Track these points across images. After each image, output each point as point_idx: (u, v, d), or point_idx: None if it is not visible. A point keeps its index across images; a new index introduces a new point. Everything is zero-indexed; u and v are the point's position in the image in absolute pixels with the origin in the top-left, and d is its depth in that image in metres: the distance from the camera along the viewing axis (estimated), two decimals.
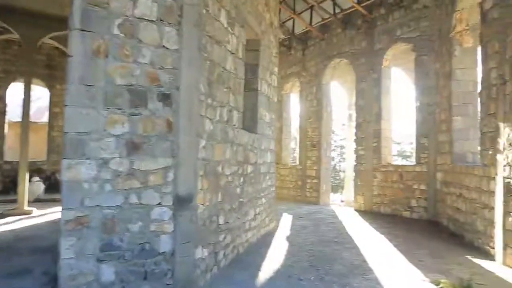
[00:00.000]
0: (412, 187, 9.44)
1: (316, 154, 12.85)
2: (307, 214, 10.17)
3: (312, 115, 13.16)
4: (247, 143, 5.78)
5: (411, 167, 9.62)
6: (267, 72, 7.08)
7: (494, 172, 5.65)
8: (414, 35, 9.66)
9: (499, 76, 5.61)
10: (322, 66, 12.75)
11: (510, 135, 5.18)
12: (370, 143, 10.71)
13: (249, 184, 5.94)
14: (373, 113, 10.68)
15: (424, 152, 9.24)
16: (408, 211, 9.50)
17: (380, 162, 10.40)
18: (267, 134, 7.14)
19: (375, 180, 10.49)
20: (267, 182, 7.18)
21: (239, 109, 5.36)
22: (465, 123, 7.66)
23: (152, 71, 3.69)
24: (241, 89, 5.47)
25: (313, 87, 13.13)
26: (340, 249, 6.11)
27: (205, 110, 4.21)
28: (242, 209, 5.59)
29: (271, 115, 7.42)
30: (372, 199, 10.54)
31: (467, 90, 7.71)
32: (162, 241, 3.72)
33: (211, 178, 4.39)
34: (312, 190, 12.92)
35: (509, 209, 5.17)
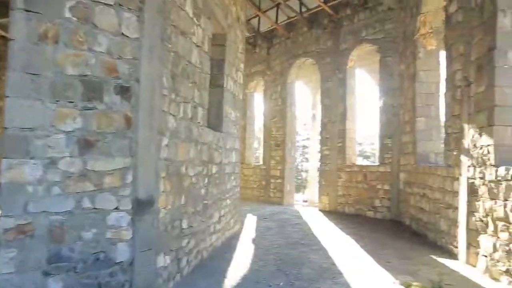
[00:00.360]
0: (376, 187, 9.51)
1: (280, 154, 12.73)
2: (272, 214, 10.00)
3: (276, 114, 13.02)
4: (212, 142, 5.49)
5: (375, 168, 9.70)
6: (233, 68, 6.81)
7: (458, 172, 5.70)
8: (379, 37, 9.75)
9: (464, 78, 5.67)
10: (287, 65, 12.64)
11: (474, 136, 5.23)
12: (335, 143, 10.71)
13: (213, 185, 5.65)
14: (338, 113, 10.69)
15: (388, 153, 9.33)
16: (372, 211, 9.56)
17: (344, 162, 10.42)
18: (232, 132, 6.87)
19: (339, 180, 10.50)
20: (232, 182, 6.92)
21: (204, 105, 5.05)
22: (428, 124, 7.78)
23: (109, 61, 3.31)
24: (207, 84, 5.17)
25: (278, 86, 13.00)
26: (308, 252, 5.96)
27: (168, 105, 3.89)
28: (206, 211, 5.29)
29: (236, 113, 7.16)
30: (336, 199, 10.54)
31: (430, 91, 7.83)
32: (119, 249, 3.36)
33: (174, 179, 4.06)
34: (276, 190, 12.79)
35: (473, 209, 5.22)
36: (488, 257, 4.77)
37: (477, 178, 5.12)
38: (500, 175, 4.52)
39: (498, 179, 4.57)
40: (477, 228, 5.10)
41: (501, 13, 4.84)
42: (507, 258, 4.35)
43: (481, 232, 4.97)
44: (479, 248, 5.03)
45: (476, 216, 5.11)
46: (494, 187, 4.67)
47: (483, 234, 4.94)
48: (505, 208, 4.41)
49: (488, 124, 4.89)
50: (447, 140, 6.24)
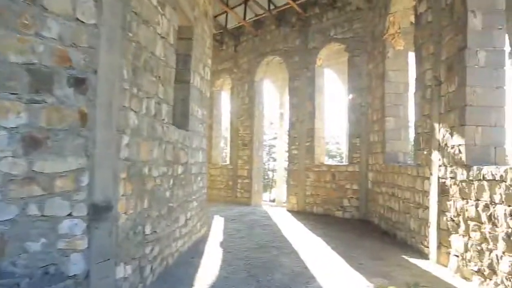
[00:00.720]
0: (344, 187, 9.47)
1: (247, 153, 12.49)
2: (240, 215, 9.74)
3: (243, 113, 12.77)
4: (177, 140, 5.14)
5: (343, 167, 9.66)
6: (200, 64, 6.48)
7: (428, 172, 5.68)
8: (348, 36, 9.72)
9: (434, 77, 5.65)
10: (255, 63, 12.42)
11: (445, 136, 5.21)
12: (303, 143, 10.60)
13: (179, 187, 5.31)
14: (306, 112, 10.58)
15: (356, 152, 9.31)
16: (341, 210, 9.52)
17: (313, 162, 10.32)
18: (199, 131, 6.55)
19: (308, 180, 10.40)
20: (199, 183, 6.59)
21: (169, 102, 4.70)
22: (397, 124, 7.79)
23: (61, 49, 2.92)
24: (172, 79, 4.83)
25: (245, 84, 12.75)
26: (279, 255, 5.74)
27: (129, 100, 3.53)
28: (171, 215, 4.95)
29: (203, 111, 6.84)
30: (305, 199, 10.43)
31: (398, 91, 7.85)
32: (73, 261, 2.98)
33: (135, 181, 3.70)
34: (243, 190, 12.54)
35: (444, 208, 5.20)
36: (460, 257, 4.75)
37: (448, 177, 5.10)
38: (472, 175, 4.49)
39: (470, 179, 4.54)
40: (448, 228, 5.07)
41: (471, 13, 4.83)
42: (479, 258, 4.32)
43: (452, 232, 4.95)
44: (450, 248, 5.00)
45: (447, 215, 5.09)
46: (465, 187, 4.65)
47: (454, 234, 4.91)
48: (476, 208, 4.38)
49: (459, 124, 4.87)
50: (417, 139, 6.23)
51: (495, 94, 4.78)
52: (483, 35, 4.81)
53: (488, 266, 4.13)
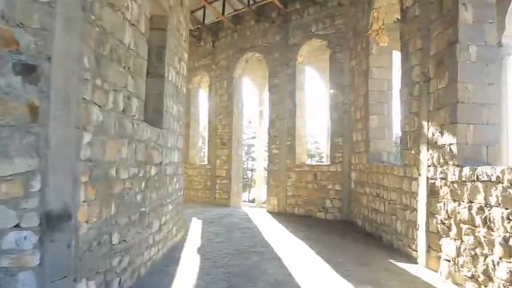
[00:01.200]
0: (326, 188, 9.20)
1: (226, 153, 12.08)
2: (219, 218, 9.33)
3: (222, 111, 12.35)
4: (150, 139, 4.70)
5: (325, 167, 9.39)
6: (175, 57, 6.04)
7: (417, 172, 5.44)
8: (329, 32, 9.46)
9: (422, 73, 5.41)
10: (234, 59, 12.02)
11: (435, 135, 4.97)
12: (284, 142, 10.28)
13: (152, 190, 4.86)
14: (286, 110, 10.27)
15: (339, 152, 9.06)
16: (323, 212, 9.24)
17: (294, 161, 10.02)
18: (175, 129, 6.11)
19: (289, 181, 10.09)
20: (175, 185, 6.15)
21: (140, 96, 4.26)
22: (381, 122, 7.56)
23: (5, 29, 2.46)
24: (143, 72, 4.38)
25: (224, 81, 12.33)
26: (261, 261, 5.38)
27: (92, 93, 3.08)
28: (144, 221, 4.51)
29: (179, 108, 6.40)
30: (286, 200, 10.11)
31: (382, 89, 7.62)
32: (21, 281, 2.52)
33: (100, 184, 3.26)
34: (222, 191, 12.12)
35: (433, 211, 4.96)
36: (451, 261, 4.50)
37: (438, 178, 4.86)
38: (464, 176, 4.25)
39: (462, 179, 4.30)
40: (438, 231, 4.83)
41: (462, 6, 4.60)
42: (473, 263, 4.08)
43: (443, 235, 4.71)
44: (441, 252, 4.76)
45: (438, 218, 4.84)
46: (457, 188, 4.40)
47: (445, 237, 4.67)
48: (470, 210, 4.14)
49: (450, 122, 4.63)
50: (403, 138, 5.98)
51: (486, 91, 4.57)
52: (474, 29, 4.59)
53: (483, 272, 3.88)
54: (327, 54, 11.64)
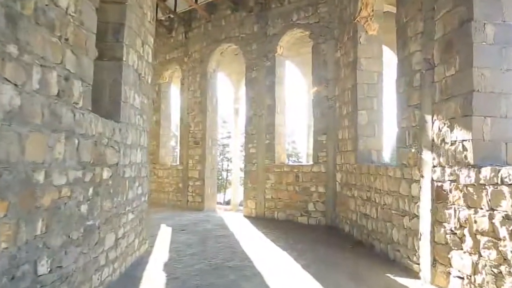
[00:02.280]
0: (309, 190, 8.45)
1: (199, 152, 11.15)
2: (191, 224, 8.41)
3: (195, 108, 11.41)
4: (102, 134, 3.77)
5: (308, 167, 8.63)
6: (137, 39, 5.10)
7: (418, 173, 4.74)
8: (312, 21, 8.72)
9: (424, 60, 4.71)
10: (208, 52, 11.10)
11: (442, 130, 4.27)
12: (262, 140, 9.47)
13: (105, 197, 3.93)
14: (265, 106, 9.46)
15: (322, 151, 8.33)
16: (305, 216, 8.48)
17: (273, 161, 9.22)
18: (137, 124, 5.17)
19: (268, 182, 9.28)
20: (137, 190, 5.21)
21: (85, 79, 3.32)
22: (370, 118, 6.87)
23: None
24: (91, 49, 3.44)
25: (197, 76, 11.39)
26: (239, 280, 4.52)
27: (0, 65, 2.14)
28: (91, 237, 3.57)
29: (143, 99, 5.46)
30: (264, 203, 9.30)
31: (372, 81, 6.93)
32: None
33: (15, 195, 2.32)
34: (195, 194, 11.18)
35: (440, 218, 4.26)
36: (465, 279, 3.80)
37: (447, 181, 4.15)
38: (483, 178, 3.55)
39: (480, 182, 3.59)
40: (447, 242, 4.13)
41: None
42: (496, 284, 3.38)
43: (453, 247, 4.01)
44: (450, 267, 4.06)
45: (446, 227, 4.14)
46: (473, 193, 3.70)
47: (456, 250, 3.97)
48: (491, 219, 3.44)
49: (462, 114, 3.93)
50: (401, 135, 5.28)
51: (505, 78, 3.90)
52: (491, 5, 3.91)
53: None
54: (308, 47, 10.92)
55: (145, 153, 5.67)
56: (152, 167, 12.56)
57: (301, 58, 12.13)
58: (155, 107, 12.75)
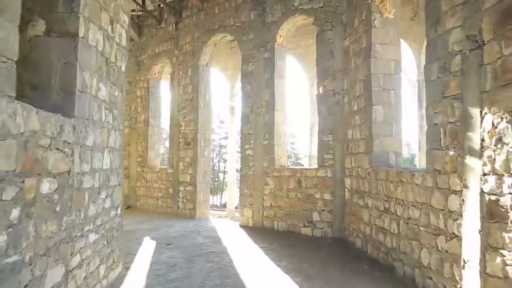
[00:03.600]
0: (313, 197, 7.41)
1: (190, 154, 10.10)
2: (180, 237, 7.36)
3: (186, 105, 10.37)
4: (38, 133, 2.73)
5: (312, 172, 7.58)
6: (103, 13, 4.06)
7: (459, 182, 3.71)
8: (316, 6, 7.68)
9: (468, 38, 3.69)
10: (200, 43, 10.06)
11: (499, 126, 3.23)
12: (260, 141, 8.44)
13: (45, 218, 2.88)
14: (263, 102, 8.43)
15: (328, 153, 7.29)
16: (309, 227, 7.45)
17: (272, 164, 8.19)
18: (103, 121, 4.13)
19: (266, 188, 8.24)
20: (103, 203, 4.16)
21: (8, 52, 2.29)
22: (387, 115, 5.85)
23: None
24: (15, 11, 2.40)
25: (188, 70, 10.35)
26: None
27: None
28: (14, 280, 2.52)
29: (113, 91, 4.42)
30: (263, 212, 8.26)
31: (389, 71, 5.91)
32: None
33: None
34: (186, 200, 10.13)
35: (494, 242, 3.22)
36: None
37: (506, 194, 3.13)
38: None
39: None
40: (507, 276, 3.11)
41: None
42: None
43: None
44: None
45: (505, 256, 3.11)
46: None
47: None
48: None
49: None
50: (433, 133, 4.24)
51: None
52: None
53: None
54: (310, 39, 9.99)
55: (117, 156, 4.62)
56: (141, 170, 11.53)
57: (302, 51, 11.15)
58: (143, 105, 11.73)
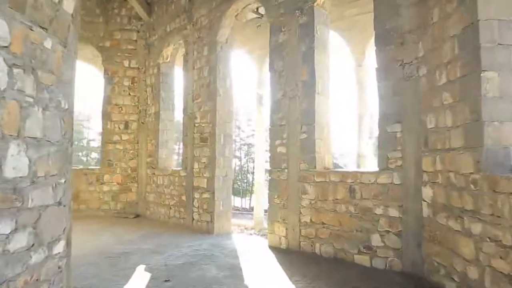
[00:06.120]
0: (372, 212, 5.23)
1: (207, 153, 8.12)
2: (186, 266, 5.39)
3: (201, 92, 8.40)
4: None
5: (370, 176, 5.36)
6: None
7: None
8: None
9: None
10: (218, 14, 8.07)
11: None
12: (295, 135, 6.34)
13: None
14: (299, 83, 6.33)
15: (396, 149, 5.08)
16: (366, 254, 5.28)
17: (313, 166, 6.06)
18: (4, 88, 2.18)
19: (304, 198, 6.13)
20: (7, 243, 2.22)
21: None
22: (507, 87, 3.60)
23: None
24: None
25: (204, 48, 8.39)
26: None
27: None
28: None
29: (37, 36, 2.46)
30: (299, 229, 6.16)
31: (509, 16, 3.67)
32: None
33: None
34: (202, 210, 8.16)
35: None
36: None
37: None
38: None
39: None
40: None
41: None
42: None
43: None
44: None
45: None
46: None
47: None
48: None
49: None
50: None
51: None
52: None
53: None
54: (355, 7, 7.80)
55: (52, 155, 2.65)
56: (151, 173, 9.70)
57: (346, 24, 8.94)
58: (154, 95, 9.88)
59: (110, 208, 10.15)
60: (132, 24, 10.45)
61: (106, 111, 10.34)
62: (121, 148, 10.27)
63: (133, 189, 10.24)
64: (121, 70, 10.35)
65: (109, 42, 10.37)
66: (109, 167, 10.22)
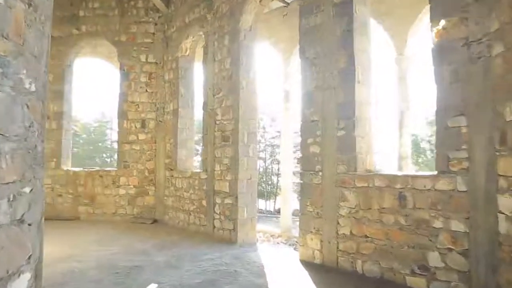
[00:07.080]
0: (429, 225, 4.27)
1: (229, 154, 7.32)
2: (203, 285, 4.58)
3: (223, 86, 7.61)
4: None
5: (425, 181, 4.39)
6: None
7: None
8: None
9: None
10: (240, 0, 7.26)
11: None
12: (331, 131, 5.44)
13: None
14: (335, 71, 5.43)
15: (459, 148, 4.11)
16: (422, 276, 4.32)
17: (353, 168, 5.15)
18: None
19: (343, 206, 5.22)
20: None
21: None
22: None
23: None
24: None
25: (225, 37, 7.60)
26: None
27: None
28: None
29: None
30: (337, 243, 5.25)
31: None
32: None
33: None
34: (224, 217, 7.36)
35: None
36: None
37: None
38: None
39: None
40: None
41: None
42: None
43: None
44: None
45: None
46: None
47: None
48: None
49: None
50: None
51: None
52: None
53: None
54: None
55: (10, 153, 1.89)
56: (170, 175, 8.99)
57: (385, 8, 7.98)
58: (172, 92, 9.17)
59: (127, 213, 9.50)
60: (149, 16, 9.80)
61: (122, 109, 9.72)
62: (137, 148, 9.62)
63: (150, 192, 9.56)
64: (137, 65, 9.70)
65: (125, 36, 9.75)
66: (125, 168, 9.59)
